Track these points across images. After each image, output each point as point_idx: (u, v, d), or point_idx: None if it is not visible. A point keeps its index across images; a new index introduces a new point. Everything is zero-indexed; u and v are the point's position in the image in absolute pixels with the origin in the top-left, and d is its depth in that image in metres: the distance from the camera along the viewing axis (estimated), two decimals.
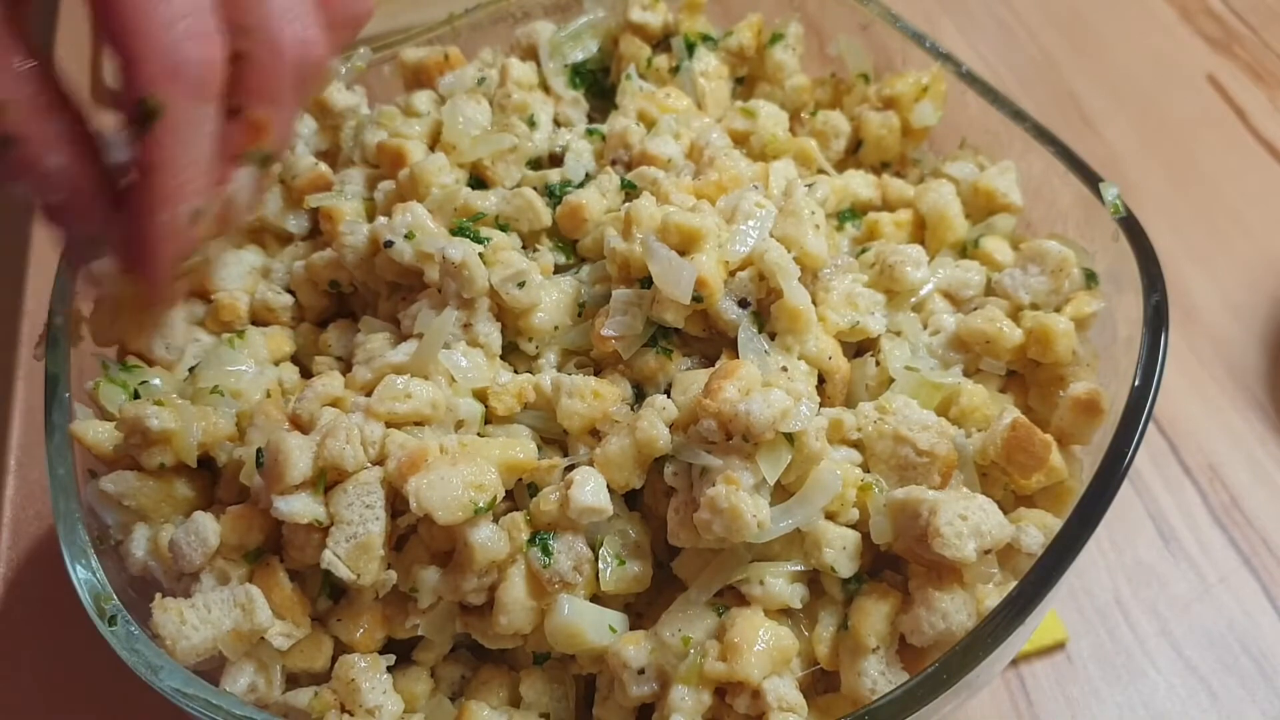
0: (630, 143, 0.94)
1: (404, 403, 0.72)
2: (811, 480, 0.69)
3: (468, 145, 0.92)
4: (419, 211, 0.82)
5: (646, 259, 0.74)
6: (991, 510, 0.67)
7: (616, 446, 0.71)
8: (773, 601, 0.69)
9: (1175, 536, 1.02)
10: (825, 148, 0.99)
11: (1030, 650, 0.94)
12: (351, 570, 0.68)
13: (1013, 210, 0.92)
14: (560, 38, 1.04)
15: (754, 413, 0.65)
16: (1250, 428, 1.09)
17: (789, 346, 0.76)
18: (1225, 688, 0.93)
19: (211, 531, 0.71)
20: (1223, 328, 1.17)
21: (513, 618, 0.69)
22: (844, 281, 0.82)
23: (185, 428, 0.74)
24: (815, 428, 0.69)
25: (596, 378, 0.77)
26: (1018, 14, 1.54)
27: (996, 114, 0.93)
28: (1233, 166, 1.33)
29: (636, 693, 0.68)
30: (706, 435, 0.67)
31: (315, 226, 0.96)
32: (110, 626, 0.68)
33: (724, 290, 0.75)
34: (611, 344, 0.77)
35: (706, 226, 0.74)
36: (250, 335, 0.84)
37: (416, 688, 0.74)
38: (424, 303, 0.80)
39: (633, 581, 0.72)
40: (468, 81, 1.00)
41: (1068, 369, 0.80)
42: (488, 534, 0.69)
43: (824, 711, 0.69)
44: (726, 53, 1.04)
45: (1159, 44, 1.49)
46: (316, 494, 0.70)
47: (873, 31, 1.04)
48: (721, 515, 0.65)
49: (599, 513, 0.70)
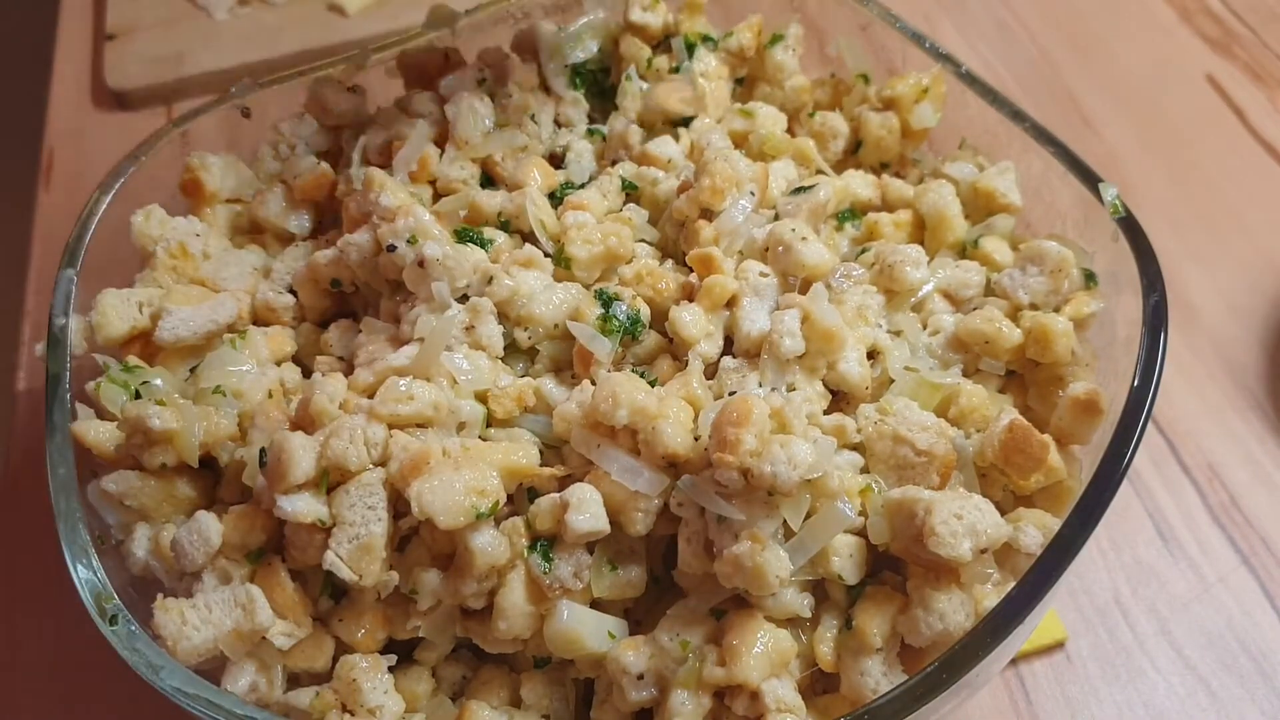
0: (631, 143, 0.95)
1: (406, 404, 0.72)
2: (824, 514, 0.68)
3: (479, 141, 0.92)
4: (421, 215, 0.82)
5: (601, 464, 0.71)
6: (988, 510, 0.67)
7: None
8: (784, 612, 0.69)
9: (1174, 536, 1.02)
10: (824, 149, 0.99)
11: (1030, 649, 0.94)
12: (353, 571, 0.68)
13: (1012, 210, 0.92)
14: (561, 38, 1.05)
15: (780, 475, 0.64)
16: (1249, 428, 1.09)
17: (814, 368, 0.76)
18: (1224, 687, 0.93)
19: (214, 531, 0.71)
20: (1222, 328, 1.17)
21: (512, 623, 0.69)
22: (856, 294, 0.82)
23: (187, 427, 0.75)
24: (837, 468, 0.69)
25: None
26: (1017, 14, 1.54)
27: (996, 114, 0.93)
28: (1232, 167, 1.33)
29: (635, 698, 0.68)
30: (725, 483, 0.66)
31: (316, 226, 0.97)
32: (111, 626, 0.68)
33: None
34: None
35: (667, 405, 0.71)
36: (251, 335, 0.84)
37: (418, 688, 0.74)
38: (425, 305, 0.80)
39: (626, 587, 0.72)
40: (468, 82, 1.00)
41: (1067, 369, 0.80)
42: (488, 539, 0.69)
43: (823, 712, 0.69)
44: (726, 53, 1.04)
45: (1159, 44, 1.49)
46: (319, 494, 0.70)
47: (872, 32, 1.04)
48: (745, 573, 0.65)
49: (597, 535, 0.70)
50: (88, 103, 1.48)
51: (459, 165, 0.92)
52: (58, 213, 1.34)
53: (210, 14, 1.53)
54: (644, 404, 0.69)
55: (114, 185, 0.92)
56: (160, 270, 0.88)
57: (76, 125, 1.45)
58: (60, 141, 1.43)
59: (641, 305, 0.81)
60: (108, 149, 1.40)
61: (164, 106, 1.46)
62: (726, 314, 0.81)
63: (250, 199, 0.97)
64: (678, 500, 0.70)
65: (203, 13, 1.54)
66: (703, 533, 0.69)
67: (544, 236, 0.86)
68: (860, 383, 0.77)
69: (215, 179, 0.96)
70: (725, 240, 0.83)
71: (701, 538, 0.69)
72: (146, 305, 0.84)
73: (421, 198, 0.91)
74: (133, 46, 1.49)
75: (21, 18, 2.10)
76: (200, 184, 0.95)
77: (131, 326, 0.84)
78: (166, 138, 0.96)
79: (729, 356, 0.79)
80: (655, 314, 0.82)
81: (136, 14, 1.53)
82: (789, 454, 0.65)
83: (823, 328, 0.75)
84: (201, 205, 0.96)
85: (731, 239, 0.83)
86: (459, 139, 0.93)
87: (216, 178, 0.96)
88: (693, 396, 0.73)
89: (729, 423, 0.66)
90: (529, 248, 0.84)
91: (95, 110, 1.47)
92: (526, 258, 0.82)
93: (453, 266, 0.79)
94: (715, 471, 0.66)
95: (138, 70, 1.46)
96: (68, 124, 1.45)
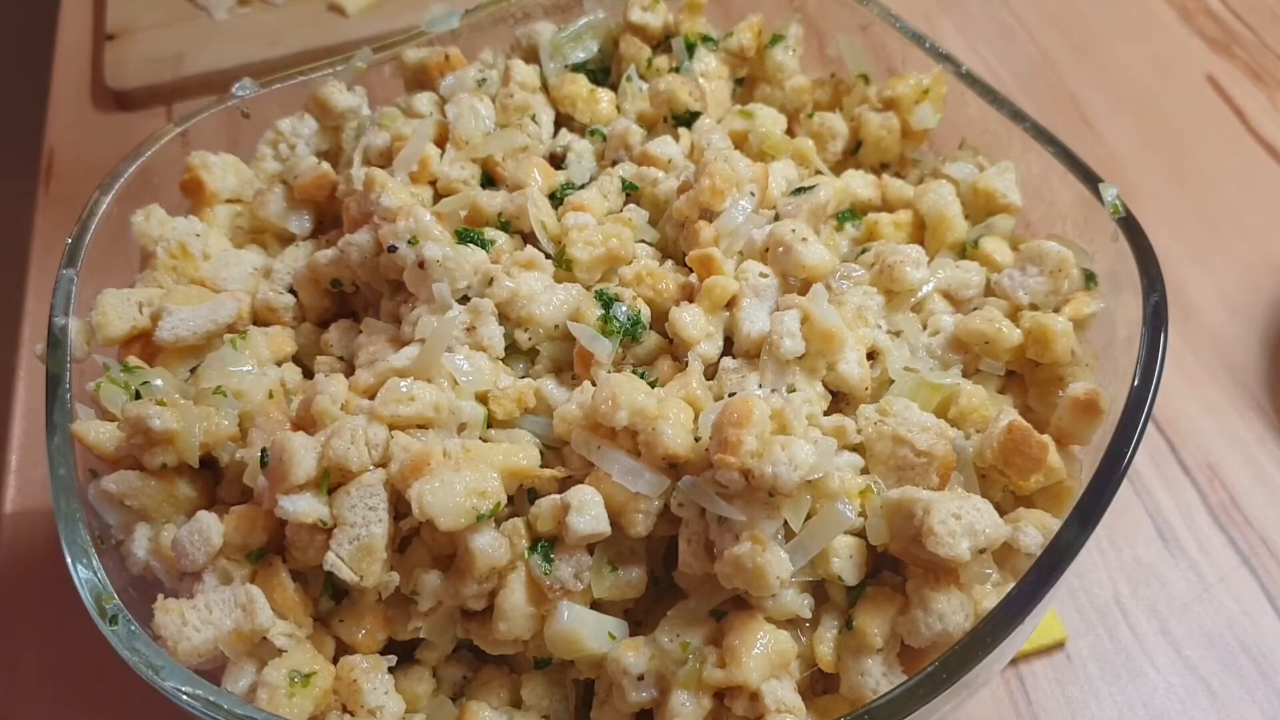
0: (631, 143, 0.95)
1: (407, 405, 0.72)
2: (825, 515, 0.68)
3: (480, 141, 0.92)
4: (422, 216, 0.82)
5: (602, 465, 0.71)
6: (986, 510, 0.67)
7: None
8: (783, 613, 0.69)
9: (1174, 536, 1.02)
10: (823, 149, 0.99)
11: (1030, 650, 0.94)
12: (354, 572, 0.68)
13: (1012, 211, 0.92)
14: (561, 38, 1.05)
15: (781, 476, 0.64)
16: (1249, 428, 1.09)
17: (814, 369, 0.76)
18: (1224, 687, 0.93)
19: (215, 531, 0.71)
20: (1222, 328, 1.17)
21: (512, 624, 0.70)
22: (856, 295, 0.82)
23: (187, 428, 0.75)
24: (837, 469, 0.69)
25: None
26: (1017, 14, 1.54)
27: (996, 114, 0.93)
28: (1232, 167, 1.33)
29: (635, 699, 0.68)
30: (726, 484, 0.66)
31: (317, 226, 0.97)
32: (111, 626, 0.68)
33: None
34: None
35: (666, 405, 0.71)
36: (252, 335, 0.84)
37: (418, 688, 0.74)
38: (425, 306, 0.80)
39: (627, 588, 0.72)
40: (468, 83, 1.00)
41: (1067, 369, 0.80)
42: (489, 540, 0.69)
43: (823, 712, 0.69)
44: (726, 53, 1.04)
45: (1159, 44, 1.49)
46: (320, 495, 0.70)
47: (872, 32, 1.04)
48: (745, 573, 0.65)
49: (598, 537, 0.70)
50: (88, 103, 1.48)
51: (459, 166, 0.92)
52: (58, 213, 1.34)
53: (210, 14, 1.53)
54: (644, 405, 0.69)
55: (114, 185, 0.92)
56: (160, 270, 0.88)
57: (76, 125, 1.45)
58: (60, 141, 1.43)
59: (642, 306, 0.81)
60: (108, 149, 1.40)
61: (164, 106, 1.46)
62: (726, 315, 0.81)
63: (250, 199, 0.97)
64: (678, 501, 0.70)
65: (203, 13, 1.54)
66: (703, 533, 0.69)
67: (545, 237, 0.86)
68: (860, 383, 0.77)
69: (215, 179, 0.96)
70: (725, 241, 0.83)
71: (702, 538, 0.69)
72: (146, 305, 0.84)
73: (422, 198, 0.91)
74: (133, 46, 1.49)
75: (21, 18, 2.10)
76: (200, 184, 0.95)
77: (131, 326, 0.83)
78: (166, 138, 0.96)
79: (729, 357, 0.79)
80: (655, 315, 0.82)
81: (136, 14, 1.54)
82: (790, 455, 0.65)
83: (822, 328, 0.75)
84: (202, 205, 0.96)
85: (731, 240, 0.84)
86: (459, 139, 0.93)
87: (216, 178, 0.96)
88: (693, 397, 0.73)
89: (730, 423, 0.66)
90: (530, 249, 0.84)
91: (95, 110, 1.47)
92: (527, 259, 0.82)
93: (453, 268, 0.79)
94: (716, 472, 0.66)
95: (138, 70, 1.46)
96: (68, 124, 1.45)
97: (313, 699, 0.69)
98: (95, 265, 0.88)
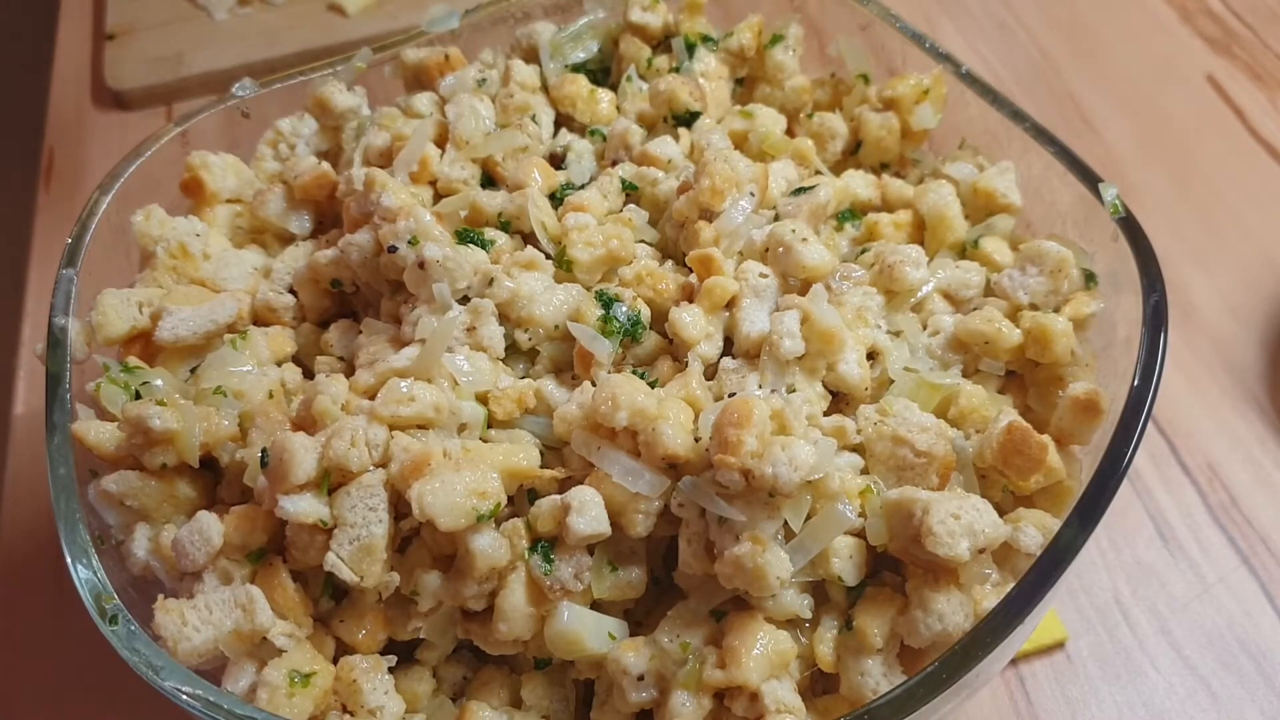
0: (631, 144, 0.95)
1: (407, 406, 0.72)
2: (825, 515, 0.68)
3: (480, 141, 0.92)
4: (423, 216, 0.82)
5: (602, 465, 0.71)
6: (985, 509, 0.67)
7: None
8: (783, 613, 0.69)
9: (1174, 536, 1.02)
10: (822, 150, 0.99)
11: (1030, 650, 0.94)
12: (354, 572, 0.68)
13: (1012, 211, 0.92)
14: (561, 38, 1.05)
15: (781, 476, 0.64)
16: (1249, 428, 1.09)
17: (814, 369, 0.76)
18: (1225, 687, 0.93)
19: (215, 531, 0.71)
20: (1222, 328, 1.17)
21: (513, 625, 0.70)
22: (855, 295, 0.82)
23: (187, 428, 0.75)
24: (837, 469, 0.69)
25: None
26: (1017, 14, 1.54)
27: (996, 114, 0.93)
28: (1232, 167, 1.33)
29: (635, 699, 0.68)
30: (726, 484, 0.66)
31: (317, 226, 0.97)
32: (111, 626, 0.68)
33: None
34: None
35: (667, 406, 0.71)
36: (252, 335, 0.84)
37: (418, 688, 0.74)
38: (426, 307, 0.80)
39: (627, 588, 0.72)
40: (468, 83, 1.00)
41: (1067, 369, 0.80)
42: (489, 541, 0.69)
43: (823, 712, 0.69)
44: (726, 53, 1.04)
45: (1158, 44, 1.49)
46: (320, 495, 0.70)
47: (872, 32, 1.04)
48: (745, 574, 0.66)
49: (598, 537, 0.70)
50: (88, 103, 1.48)
51: (459, 166, 0.93)
52: (58, 213, 1.34)
53: (210, 14, 1.53)
54: (644, 405, 0.69)
55: (114, 185, 0.92)
56: (160, 270, 0.88)
57: (76, 125, 1.45)
58: (60, 141, 1.43)
59: (642, 306, 0.81)
60: (108, 149, 1.40)
61: (164, 106, 1.46)
62: (726, 315, 0.81)
63: (250, 199, 0.97)
64: (678, 501, 0.70)
65: (203, 13, 1.54)
66: (703, 534, 0.69)
67: (545, 238, 0.86)
68: (860, 384, 0.77)
69: (215, 179, 0.96)
70: (725, 241, 0.83)
71: (702, 539, 0.69)
72: (146, 305, 0.84)
73: (422, 198, 0.91)
74: (133, 46, 1.49)
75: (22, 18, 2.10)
76: (200, 184, 0.95)
77: (131, 326, 0.84)
78: (166, 138, 0.96)
79: (729, 357, 0.79)
80: (655, 315, 0.82)
81: (136, 14, 1.54)
82: (790, 455, 0.65)
83: (822, 329, 0.75)
84: (202, 205, 0.96)
85: (731, 240, 0.84)
86: (459, 139, 0.93)
87: (216, 178, 0.96)
88: (693, 398, 0.73)
89: (730, 424, 0.66)
90: (530, 250, 0.84)
91: (95, 110, 1.47)
92: (527, 259, 0.82)
93: (453, 268, 0.79)
94: (716, 473, 0.66)
95: (138, 70, 1.46)
96: (68, 124, 1.45)
97: (313, 699, 0.69)
98: (95, 265, 0.88)
